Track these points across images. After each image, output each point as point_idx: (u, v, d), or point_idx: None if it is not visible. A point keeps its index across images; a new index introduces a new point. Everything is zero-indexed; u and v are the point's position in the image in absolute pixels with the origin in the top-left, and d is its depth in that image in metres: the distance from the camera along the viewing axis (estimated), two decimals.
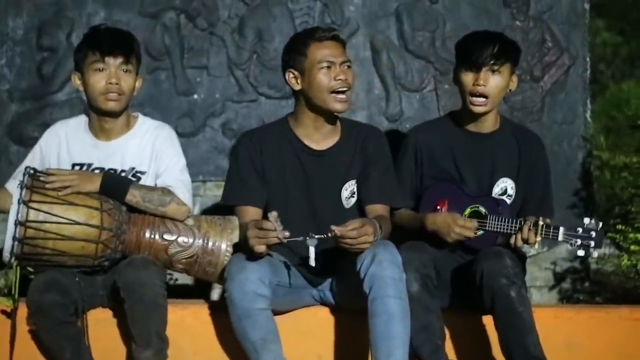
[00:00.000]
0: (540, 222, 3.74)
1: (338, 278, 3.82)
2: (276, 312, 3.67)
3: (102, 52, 3.80)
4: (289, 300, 3.82)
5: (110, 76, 3.80)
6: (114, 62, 3.81)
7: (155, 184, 3.87)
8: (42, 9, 4.95)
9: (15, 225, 3.54)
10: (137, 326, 3.60)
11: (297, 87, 3.83)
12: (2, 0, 4.94)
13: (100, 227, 3.62)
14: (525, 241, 3.77)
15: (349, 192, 3.89)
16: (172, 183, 3.86)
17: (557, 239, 3.76)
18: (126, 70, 3.84)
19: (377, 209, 3.88)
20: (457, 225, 3.83)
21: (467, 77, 3.94)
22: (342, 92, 3.76)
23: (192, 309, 3.99)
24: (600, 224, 3.77)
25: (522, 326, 3.63)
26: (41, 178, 3.65)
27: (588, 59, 5.33)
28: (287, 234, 3.42)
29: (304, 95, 3.83)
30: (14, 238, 3.55)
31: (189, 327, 3.91)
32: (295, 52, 3.83)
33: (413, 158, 4.06)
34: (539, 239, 3.74)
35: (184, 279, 4.80)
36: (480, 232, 3.89)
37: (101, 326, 3.80)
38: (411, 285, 3.61)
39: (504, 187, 4.01)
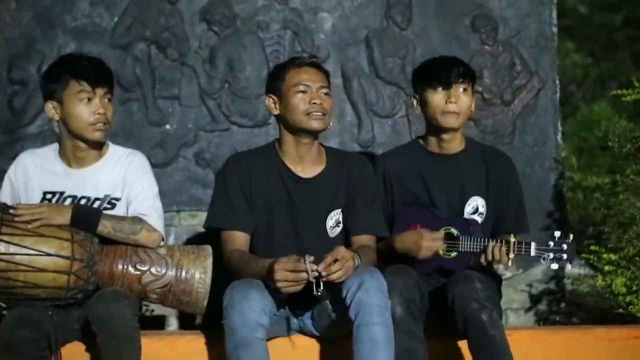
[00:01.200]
0: (512, 239, 3.77)
1: (320, 307, 3.81)
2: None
3: (90, 82, 3.75)
4: (271, 330, 3.78)
5: (97, 106, 3.76)
6: (99, 92, 3.77)
7: (127, 211, 3.86)
8: (12, 43, 4.94)
9: None
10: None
11: (276, 112, 3.85)
12: None
13: (72, 258, 3.59)
14: (498, 260, 3.79)
15: (334, 221, 3.89)
16: (144, 210, 3.82)
17: (530, 254, 3.79)
18: (109, 100, 3.83)
19: (362, 239, 3.88)
20: (425, 239, 3.84)
21: (438, 96, 3.97)
22: (316, 113, 3.78)
23: (168, 340, 3.97)
24: (571, 236, 3.82)
25: (496, 349, 3.63)
26: (11, 211, 3.62)
27: (557, 82, 5.38)
28: (313, 267, 3.46)
29: (282, 120, 3.85)
30: None
31: (165, 359, 3.88)
32: (275, 78, 3.86)
33: (382, 185, 4.07)
34: (512, 256, 3.76)
35: (161, 310, 4.78)
36: (454, 254, 3.90)
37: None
38: (395, 309, 3.61)
39: (475, 205, 4.03)
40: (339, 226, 3.90)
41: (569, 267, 3.84)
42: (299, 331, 3.93)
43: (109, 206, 3.83)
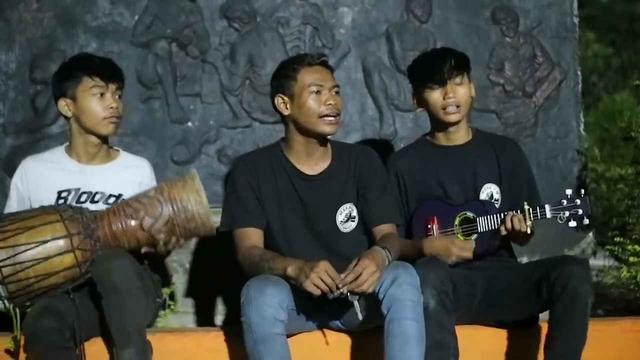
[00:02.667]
0: (526, 206, 3.82)
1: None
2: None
3: (104, 77, 3.91)
4: (294, 325, 3.80)
5: (110, 101, 3.92)
6: (112, 87, 3.93)
7: None
8: (34, 43, 4.96)
9: None
10: (114, 320, 3.56)
11: (286, 112, 3.86)
12: None
13: (69, 235, 3.60)
14: (518, 231, 3.81)
15: (344, 216, 3.90)
16: None
17: (546, 216, 3.83)
18: (119, 96, 3.98)
19: (383, 228, 3.91)
20: (456, 246, 3.87)
21: (435, 95, 4.03)
22: (332, 116, 3.79)
23: (193, 336, 3.99)
24: (582, 191, 3.85)
25: (583, 337, 3.70)
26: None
27: (579, 73, 5.35)
28: (344, 290, 3.52)
29: (292, 120, 3.86)
30: None
31: (191, 356, 3.90)
32: (284, 77, 3.85)
33: (396, 184, 4.11)
34: (529, 223, 3.80)
35: (184, 306, 4.81)
36: (474, 237, 3.92)
37: (99, 357, 3.78)
38: (428, 301, 3.62)
39: (490, 192, 4.06)
40: (352, 221, 3.91)
41: (586, 221, 3.83)
42: (324, 326, 3.94)
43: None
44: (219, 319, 4.92)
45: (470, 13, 5.25)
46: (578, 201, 3.82)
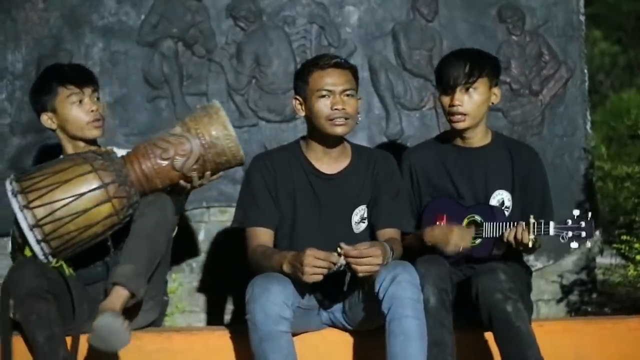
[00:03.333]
0: (531, 220, 3.80)
1: (351, 299, 3.82)
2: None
3: (77, 84, 3.96)
4: (301, 323, 3.81)
5: (89, 105, 3.96)
6: (87, 91, 3.98)
7: None
8: (40, 43, 4.96)
9: (31, 230, 3.55)
10: (132, 240, 3.69)
11: (302, 114, 3.88)
12: (1, 34, 4.95)
13: (104, 185, 3.61)
14: (520, 241, 3.80)
15: (359, 217, 3.91)
16: None
17: (549, 233, 3.80)
18: (97, 98, 4.03)
19: (388, 232, 3.91)
20: (455, 235, 3.85)
21: (444, 100, 4.02)
22: (339, 119, 3.79)
23: (200, 335, 4.00)
24: (590, 214, 3.82)
25: (521, 340, 3.63)
26: (28, 176, 3.64)
27: (586, 71, 5.34)
28: (342, 262, 3.52)
29: (307, 121, 3.87)
30: (38, 242, 3.56)
31: (198, 355, 3.90)
32: (299, 80, 3.88)
33: (409, 179, 4.10)
34: (532, 236, 3.79)
35: (191, 305, 4.81)
36: (478, 241, 3.93)
37: None
38: (428, 299, 3.63)
39: (501, 199, 4.04)
40: (364, 222, 3.92)
41: (588, 244, 3.82)
42: (330, 325, 3.94)
43: None
44: (226, 318, 4.93)
45: (477, 11, 5.24)
46: (583, 223, 3.79)
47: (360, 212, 3.91)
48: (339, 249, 3.52)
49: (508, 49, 5.21)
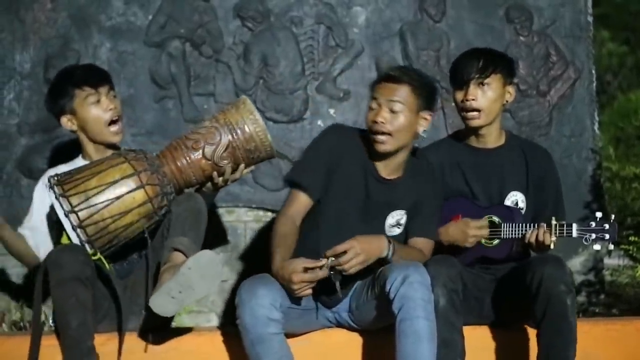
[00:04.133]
0: (554, 222, 3.80)
1: (358, 299, 3.83)
2: (289, 335, 3.68)
3: (92, 84, 3.98)
4: (302, 323, 3.83)
5: (107, 104, 3.99)
6: (103, 90, 4.00)
7: None
8: (48, 43, 4.97)
9: (66, 216, 3.59)
10: (178, 222, 3.73)
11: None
12: (9, 35, 4.96)
13: (136, 172, 3.68)
14: (541, 243, 3.80)
15: (394, 220, 3.89)
16: None
17: (572, 235, 3.82)
18: (114, 96, 4.06)
19: (418, 242, 3.91)
20: (471, 227, 3.86)
21: (458, 95, 4.00)
22: (377, 133, 3.77)
23: (208, 336, 3.99)
24: (613, 217, 3.83)
25: (569, 336, 3.66)
26: (66, 174, 3.71)
27: (594, 71, 5.34)
28: (328, 263, 3.59)
29: None
30: (74, 228, 3.60)
31: (205, 355, 3.91)
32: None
33: None
34: (554, 238, 3.79)
35: (200, 306, 4.81)
36: (495, 242, 3.92)
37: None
38: (438, 299, 3.62)
39: (515, 200, 4.03)
40: (398, 227, 3.91)
41: (611, 246, 3.84)
42: (335, 324, 3.94)
43: None
44: (227, 319, 4.93)
45: (484, 12, 5.24)
46: (606, 226, 3.81)
47: (397, 216, 3.90)
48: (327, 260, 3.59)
49: (516, 49, 5.21)
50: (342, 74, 5.11)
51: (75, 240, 3.61)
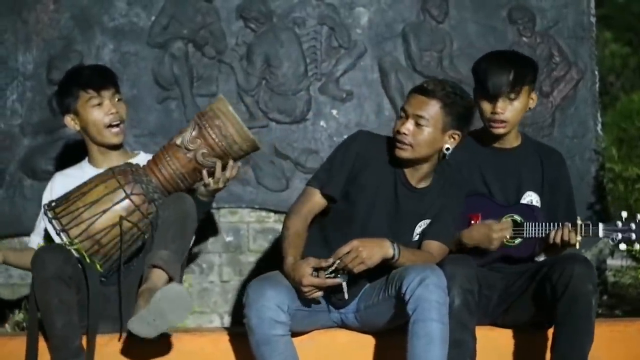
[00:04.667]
0: (579, 222, 3.82)
1: (367, 301, 3.82)
2: (295, 334, 3.69)
3: (95, 87, 4.00)
4: (308, 323, 3.84)
5: (109, 107, 4.02)
6: (106, 94, 4.02)
7: None
8: (51, 44, 4.97)
9: (58, 234, 3.69)
10: (162, 230, 3.72)
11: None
12: (12, 36, 4.96)
13: (121, 186, 3.75)
14: (566, 242, 3.82)
15: (420, 229, 3.89)
16: None
17: (598, 235, 3.83)
18: (118, 99, 4.07)
19: (431, 245, 3.87)
20: (494, 230, 3.85)
21: (485, 106, 3.96)
22: (399, 142, 3.77)
23: (210, 337, 4.00)
24: (639, 216, 3.82)
25: (589, 336, 3.68)
26: (61, 204, 3.76)
27: (596, 72, 5.34)
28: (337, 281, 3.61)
29: None
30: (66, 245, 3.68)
31: (208, 356, 3.91)
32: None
33: None
34: (579, 238, 3.81)
35: (204, 306, 4.81)
36: (518, 241, 3.91)
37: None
38: (453, 299, 3.62)
39: (530, 200, 4.03)
40: (420, 233, 3.91)
41: (637, 246, 3.88)
42: (340, 325, 3.94)
43: None
44: (236, 319, 4.93)
45: (487, 13, 5.24)
46: (633, 225, 3.82)
47: (423, 225, 3.89)
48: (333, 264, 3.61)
49: (518, 50, 5.18)
50: (344, 75, 5.11)
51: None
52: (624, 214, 3.84)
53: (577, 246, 3.82)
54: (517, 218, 3.94)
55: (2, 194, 4.86)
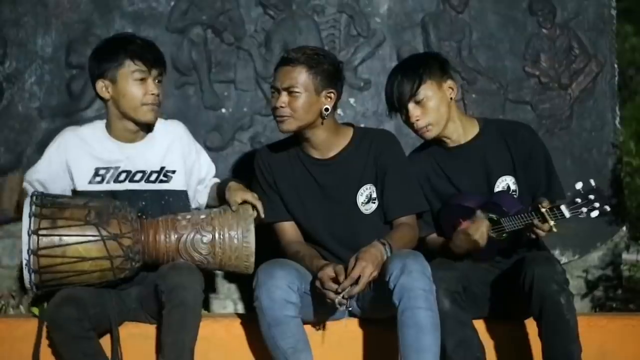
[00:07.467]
0: (542, 209, 3.65)
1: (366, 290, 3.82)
2: (304, 323, 3.69)
3: (147, 62, 3.82)
4: (314, 309, 3.82)
5: (152, 87, 3.83)
6: (154, 73, 3.85)
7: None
8: (70, 27, 4.98)
9: (29, 254, 3.53)
10: (172, 333, 3.54)
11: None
12: (31, 18, 4.98)
13: (109, 257, 3.60)
14: (546, 231, 3.69)
15: (364, 197, 3.88)
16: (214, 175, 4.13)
17: (565, 216, 3.63)
18: (159, 81, 3.88)
19: (401, 221, 3.88)
20: (472, 233, 3.81)
21: (404, 118, 3.94)
22: (279, 117, 3.82)
23: (223, 322, 4.01)
24: (592, 181, 3.64)
25: (568, 334, 3.61)
26: (50, 204, 3.63)
27: (616, 66, 5.31)
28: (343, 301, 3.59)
29: None
30: (30, 270, 3.54)
31: (221, 341, 3.92)
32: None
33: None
34: (552, 223, 3.65)
35: (211, 292, 4.82)
36: (504, 235, 3.86)
37: (134, 341, 3.82)
38: (442, 302, 3.60)
39: (506, 184, 3.95)
40: (373, 202, 3.89)
41: (607, 208, 3.64)
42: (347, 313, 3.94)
43: (164, 179, 3.90)
44: (249, 305, 4.93)
45: (507, 4, 5.22)
46: (591, 196, 3.60)
47: (366, 191, 3.89)
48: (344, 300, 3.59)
49: (538, 42, 5.19)
50: (363, 64, 5.10)
51: (25, 275, 3.55)
52: (579, 186, 3.63)
53: (555, 229, 3.65)
54: (493, 216, 3.87)
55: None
